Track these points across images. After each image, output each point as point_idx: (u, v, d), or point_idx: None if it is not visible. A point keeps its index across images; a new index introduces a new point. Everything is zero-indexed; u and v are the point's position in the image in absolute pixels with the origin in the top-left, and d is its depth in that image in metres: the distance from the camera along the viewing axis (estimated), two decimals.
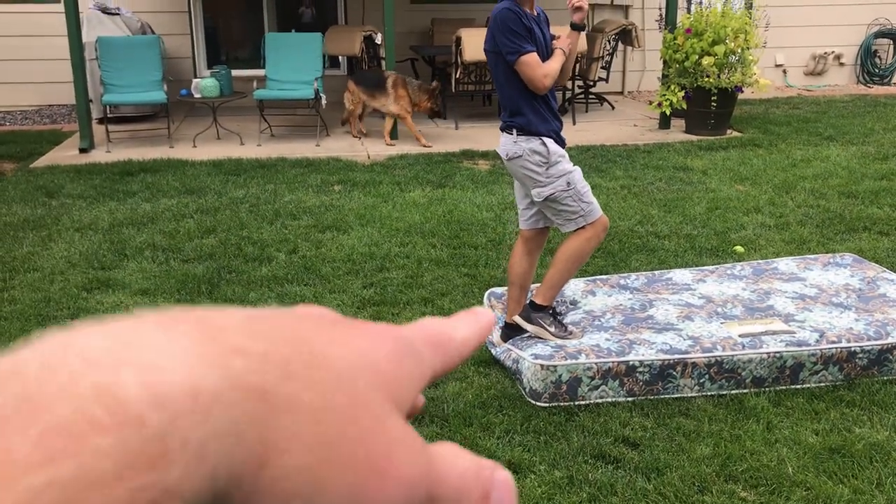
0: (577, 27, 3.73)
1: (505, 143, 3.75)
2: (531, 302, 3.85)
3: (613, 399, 3.49)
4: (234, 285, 4.74)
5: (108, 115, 8.86)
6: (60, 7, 8.23)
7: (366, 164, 7.71)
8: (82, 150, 8.24)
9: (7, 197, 6.55)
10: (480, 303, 4.40)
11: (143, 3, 10.59)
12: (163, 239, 5.55)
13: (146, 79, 8.65)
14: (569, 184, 3.66)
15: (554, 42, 3.71)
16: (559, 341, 3.70)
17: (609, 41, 10.01)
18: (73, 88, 8.25)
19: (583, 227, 3.70)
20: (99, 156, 8.08)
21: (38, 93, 10.73)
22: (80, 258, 5.20)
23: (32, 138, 8.99)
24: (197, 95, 8.78)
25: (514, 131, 3.68)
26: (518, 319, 3.83)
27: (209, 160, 7.77)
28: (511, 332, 3.94)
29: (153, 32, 9.97)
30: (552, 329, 3.76)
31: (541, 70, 3.56)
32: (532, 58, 3.54)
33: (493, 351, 3.89)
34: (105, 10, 9.52)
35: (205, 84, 8.73)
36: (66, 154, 8.24)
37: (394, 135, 8.80)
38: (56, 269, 5.00)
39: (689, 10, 9.83)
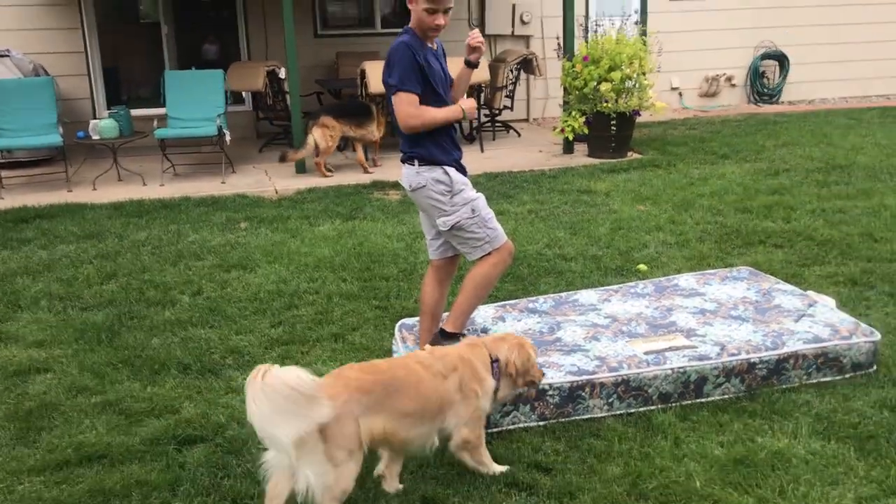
0: (471, 65, 3.77)
1: (408, 174, 3.75)
2: (441, 330, 3.84)
3: (525, 424, 3.50)
4: (136, 331, 4.58)
5: (1, 161, 8.50)
6: None
7: (273, 200, 7.61)
8: None
9: None
10: (392, 335, 4.37)
11: (35, 45, 10.24)
12: (60, 287, 5.32)
13: (40, 121, 8.36)
14: (473, 211, 3.69)
15: (462, 102, 3.73)
16: None
17: (512, 70, 10.20)
18: None
19: (489, 254, 3.73)
20: None
21: None
22: None
23: None
24: (95, 137, 8.52)
25: (416, 162, 3.69)
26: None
27: (110, 203, 7.53)
28: None
29: (47, 74, 9.64)
30: None
31: (413, 110, 3.56)
32: (408, 97, 3.54)
33: None
34: None
35: (103, 125, 8.48)
36: None
37: (300, 168, 8.73)
38: None
39: (586, 39, 10.13)
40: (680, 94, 13.01)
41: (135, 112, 9.25)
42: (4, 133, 8.24)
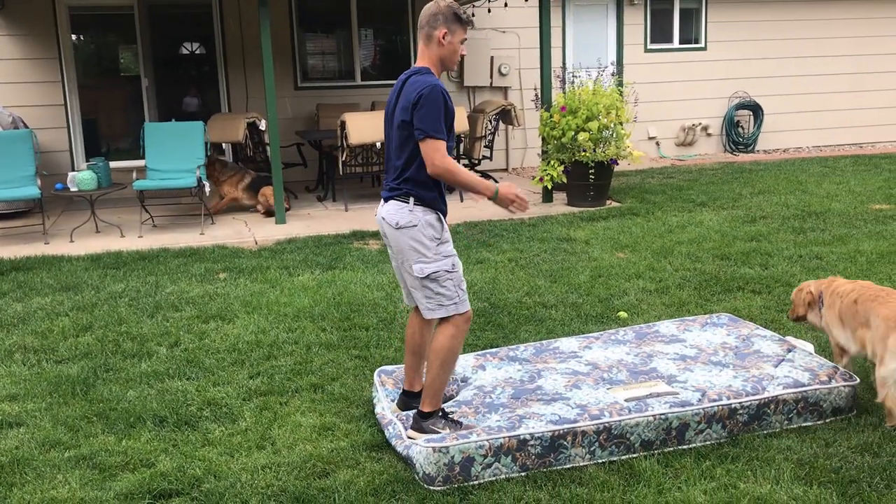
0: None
1: (397, 211, 3.57)
2: (419, 412, 3.70)
3: (507, 475, 3.46)
4: (112, 384, 4.50)
5: None
6: None
7: (253, 250, 7.59)
8: None
9: None
10: (371, 384, 4.33)
11: (15, 98, 10.28)
12: (34, 340, 5.24)
13: (18, 174, 8.32)
14: (453, 266, 3.61)
15: (503, 183, 3.62)
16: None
17: (490, 121, 10.33)
18: None
19: (447, 322, 3.61)
20: None
21: None
22: None
23: None
24: (73, 189, 8.49)
25: (412, 200, 3.55)
26: (412, 433, 3.67)
27: (87, 255, 7.47)
28: (409, 399, 3.88)
29: (26, 126, 9.65)
30: (446, 431, 3.62)
31: (445, 158, 3.46)
32: (437, 144, 3.45)
33: (385, 432, 3.81)
34: None
35: (81, 177, 8.46)
36: None
37: (281, 219, 8.74)
38: None
39: (563, 90, 10.30)
40: (657, 144, 13.21)
41: (114, 164, 9.25)
42: None
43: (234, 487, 3.40)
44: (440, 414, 3.70)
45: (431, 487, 3.38)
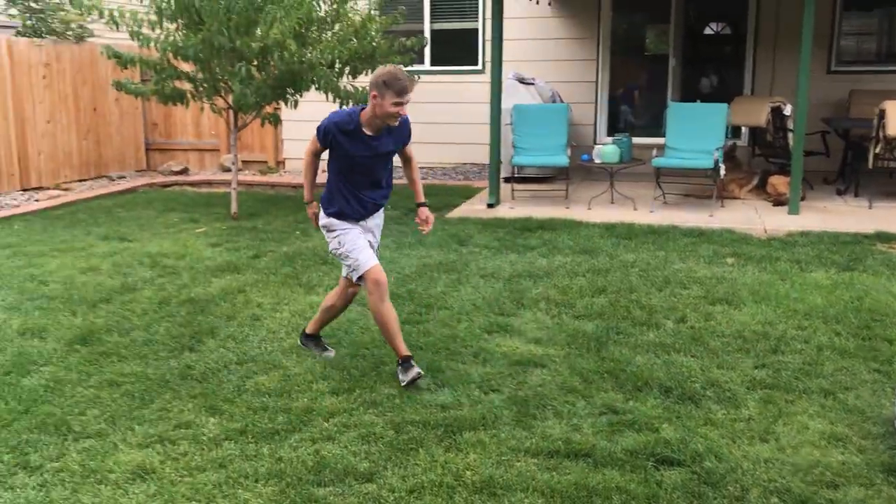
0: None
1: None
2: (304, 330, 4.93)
3: None
4: (622, 347, 4.81)
5: (515, 176, 9.62)
6: (482, 77, 9.20)
7: (762, 239, 7.37)
8: (489, 206, 9.05)
9: (426, 242, 7.42)
10: (892, 403, 3.93)
11: (555, 74, 11.40)
12: (556, 293, 5.84)
13: (552, 143, 9.25)
14: (340, 243, 4.39)
15: (312, 206, 4.63)
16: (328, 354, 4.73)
17: None
18: (489, 149, 9.13)
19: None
20: (503, 211, 8.80)
21: (455, 152, 12.05)
22: (483, 302, 5.68)
23: (448, 192, 10.11)
24: (597, 161, 9.15)
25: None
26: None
27: (602, 223, 8.03)
28: None
29: (562, 100, 10.65)
30: (315, 350, 4.79)
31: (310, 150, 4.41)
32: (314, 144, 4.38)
33: None
34: (522, 80, 10.42)
35: (606, 150, 9.07)
36: (475, 208, 9.11)
37: (794, 209, 8.32)
38: (463, 310, 5.53)
39: None
40: None
41: (634, 140, 9.74)
42: (522, 151, 9.30)
43: (735, 472, 3.40)
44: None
45: None
